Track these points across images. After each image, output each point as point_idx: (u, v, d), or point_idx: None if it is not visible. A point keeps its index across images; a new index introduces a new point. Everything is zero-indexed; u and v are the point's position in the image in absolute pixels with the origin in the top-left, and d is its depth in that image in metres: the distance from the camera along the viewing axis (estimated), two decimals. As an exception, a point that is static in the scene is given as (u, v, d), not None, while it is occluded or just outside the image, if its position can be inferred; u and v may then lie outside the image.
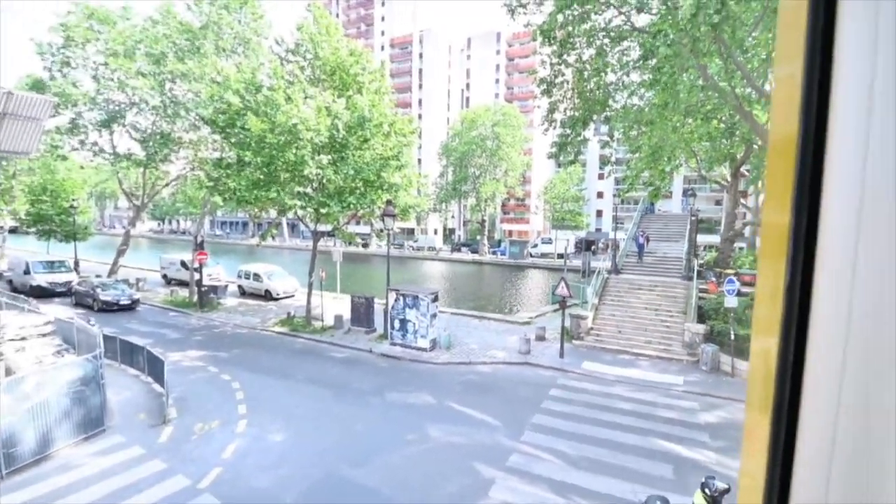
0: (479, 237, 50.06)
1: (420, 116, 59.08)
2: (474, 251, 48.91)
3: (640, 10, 14.53)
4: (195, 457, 8.40)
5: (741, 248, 25.97)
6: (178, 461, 8.24)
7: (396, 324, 15.48)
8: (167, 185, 26.83)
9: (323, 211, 16.74)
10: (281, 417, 10.08)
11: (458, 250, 51.12)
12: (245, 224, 74.90)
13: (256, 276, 23.82)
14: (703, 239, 28.57)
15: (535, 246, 47.52)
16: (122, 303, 20.22)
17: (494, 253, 47.87)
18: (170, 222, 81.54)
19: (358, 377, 12.91)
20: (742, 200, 24.92)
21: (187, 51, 20.19)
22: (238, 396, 11.18)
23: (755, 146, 18.14)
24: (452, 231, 62.57)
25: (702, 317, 15.74)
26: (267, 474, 7.87)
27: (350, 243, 22.80)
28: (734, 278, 13.89)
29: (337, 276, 22.20)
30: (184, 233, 73.52)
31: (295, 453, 8.59)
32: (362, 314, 17.48)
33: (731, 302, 13.51)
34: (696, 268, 17.95)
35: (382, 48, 66.33)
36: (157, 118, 21.60)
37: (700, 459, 8.55)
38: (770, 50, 13.63)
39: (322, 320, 18.12)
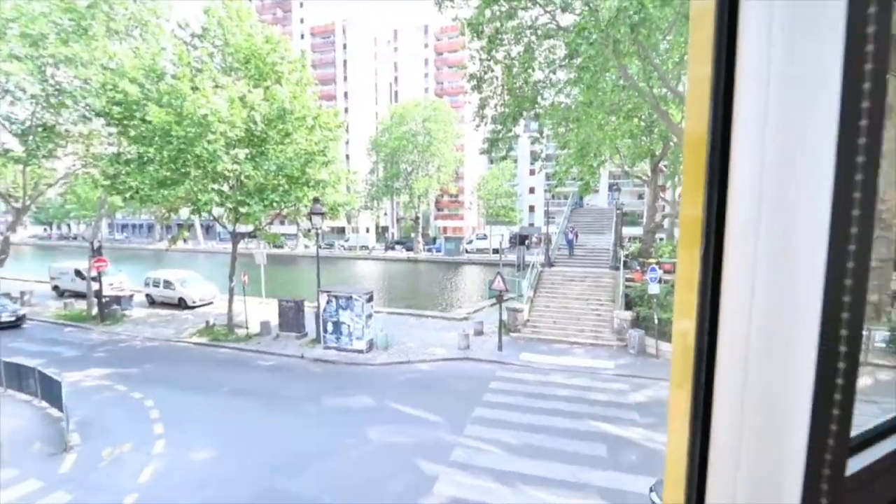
0: (413, 234, 50.15)
1: (346, 110, 57.86)
2: (409, 249, 48.92)
3: (564, 10, 15.42)
4: (106, 484, 7.70)
5: (661, 239, 28.48)
6: (85, 491, 7.51)
7: (329, 327, 15.16)
8: (53, 184, 23.95)
9: (242, 210, 15.95)
10: (205, 434, 9.52)
11: (392, 248, 50.85)
12: (150, 227, 68.88)
13: (168, 284, 22.10)
14: (627, 231, 30.93)
15: (471, 242, 48.57)
16: (3, 320, 17.95)
17: (430, 250, 48.20)
18: (59, 227, 72.83)
19: (290, 384, 12.51)
20: (661, 194, 27.33)
21: (72, 32, 18.16)
22: (153, 415, 10.37)
23: (671, 143, 19.98)
24: (385, 229, 62.07)
25: (629, 304, 17.10)
26: (192, 495, 7.43)
27: (274, 244, 21.94)
28: (656, 267, 15.26)
29: (261, 280, 21.21)
30: (76, 238, 65.97)
31: (223, 470, 8.17)
32: (291, 319, 16.91)
33: (653, 289, 14.83)
34: (622, 258, 19.46)
35: (302, 36, 64.00)
36: (38, 108, 19.22)
37: (631, 437, 9.34)
38: (682, 53, 15.05)
39: (247, 327, 17.27)
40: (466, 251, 46.44)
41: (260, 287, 21.43)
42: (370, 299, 15.22)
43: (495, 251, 41.66)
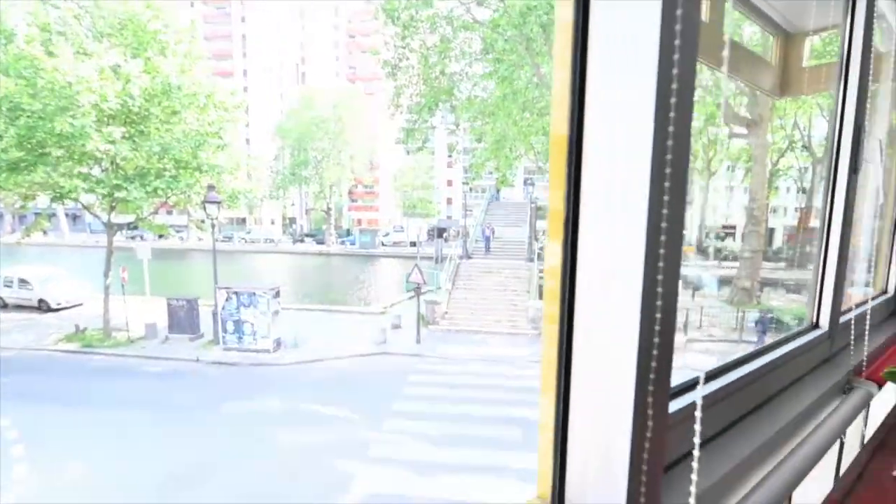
0: (324, 227, 48.65)
1: (246, 89, 54.23)
2: (320, 242, 47.42)
3: (479, 4, 15.91)
4: (-56, 523, 6.60)
5: (571, 232, 30.63)
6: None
7: (230, 326, 14.28)
8: None
9: (119, 196, 14.42)
10: (80, 453, 8.51)
11: (301, 241, 48.98)
12: (-3, 217, 59.09)
13: (24, 283, 19.23)
14: (542, 224, 32.78)
15: (387, 235, 48.32)
16: None
17: (343, 243, 47.14)
18: None
19: (184, 392, 11.61)
20: (570, 189, 29.37)
21: None
22: (10, 436, 9.01)
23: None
24: (293, 220, 59.42)
25: (543, 294, 18.22)
26: (64, 523, 6.63)
27: (160, 236, 20.16)
28: (566, 257, 16.45)
29: (145, 277, 19.31)
30: None
31: (104, 492, 7.37)
32: (183, 319, 15.61)
33: (564, 278, 15.97)
34: (537, 250, 20.65)
35: (192, 4, 58.70)
36: None
37: (544, 419, 10.01)
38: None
39: (128, 330, 15.62)
40: (383, 244, 46.08)
41: (143, 285, 19.50)
42: (276, 295, 14.59)
43: (413, 244, 41.84)
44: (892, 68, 1.80)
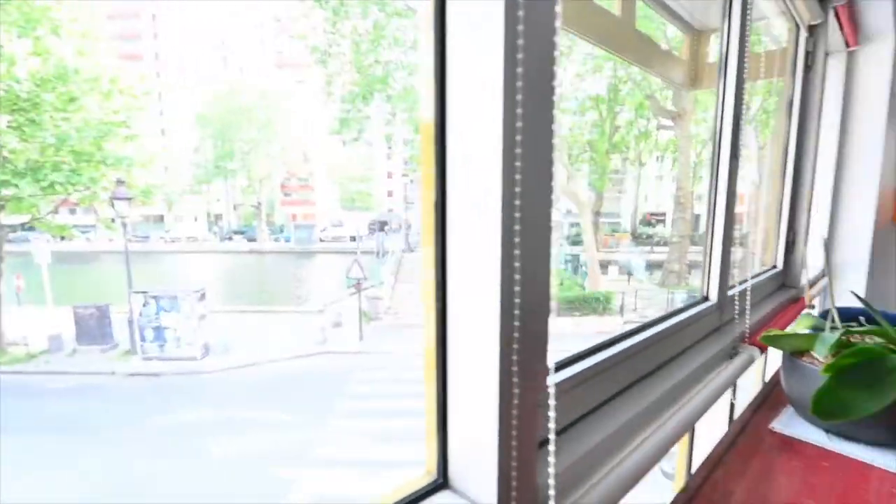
0: (255, 223, 46.73)
1: (158, 74, 50.65)
2: (251, 239, 45.52)
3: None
4: None
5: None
6: None
7: (149, 333, 13.43)
8: None
9: (7, 194, 13.13)
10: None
11: (230, 239, 46.79)
12: None
13: None
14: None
15: (325, 230, 47.26)
16: None
17: (277, 240, 45.57)
18: None
19: (100, 409, 10.78)
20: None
21: None
22: None
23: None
24: (219, 217, 56.45)
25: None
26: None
27: (63, 238, 18.56)
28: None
29: (45, 284, 17.63)
30: None
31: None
32: (93, 328, 14.44)
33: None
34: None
35: (94, -24, 53.68)
36: None
37: (488, 409, 10.31)
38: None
39: (27, 344, 14.26)
40: (321, 240, 45.01)
41: (44, 293, 17.80)
42: (202, 297, 13.90)
43: (353, 239, 41.21)
44: (778, 66, 2.03)
